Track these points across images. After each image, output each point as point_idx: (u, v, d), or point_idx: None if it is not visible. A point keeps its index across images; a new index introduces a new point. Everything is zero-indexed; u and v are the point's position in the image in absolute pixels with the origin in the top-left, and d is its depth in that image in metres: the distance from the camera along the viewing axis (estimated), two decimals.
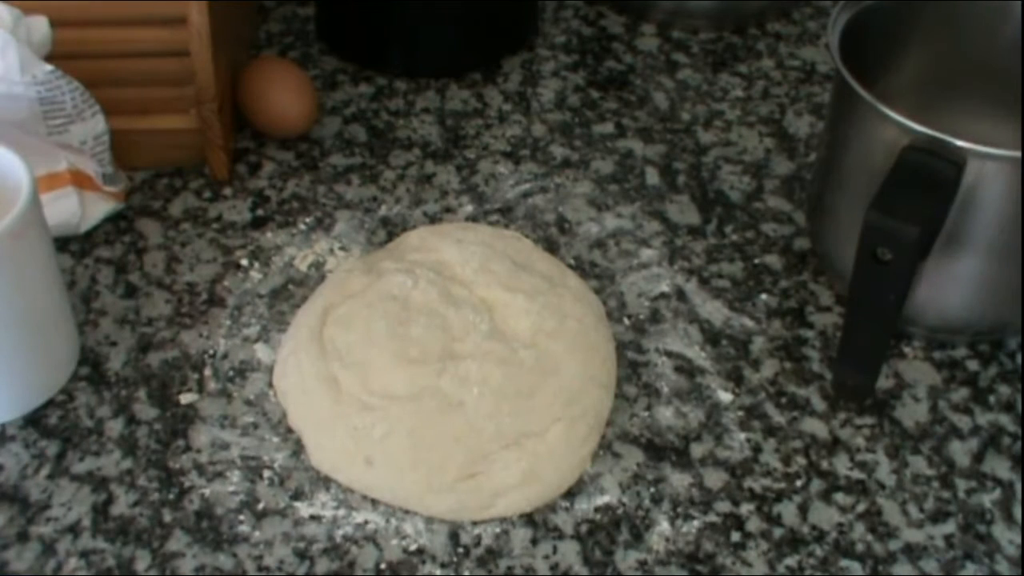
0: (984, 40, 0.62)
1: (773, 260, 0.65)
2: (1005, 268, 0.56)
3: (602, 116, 0.75)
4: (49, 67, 0.58)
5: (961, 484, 0.55)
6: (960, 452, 0.56)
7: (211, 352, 0.59)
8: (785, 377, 0.59)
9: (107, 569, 0.51)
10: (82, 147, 0.61)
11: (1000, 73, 0.62)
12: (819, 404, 0.58)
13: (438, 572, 0.51)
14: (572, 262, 0.65)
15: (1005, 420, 0.58)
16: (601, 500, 0.54)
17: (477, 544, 0.52)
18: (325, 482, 0.54)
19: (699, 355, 0.60)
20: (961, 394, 0.59)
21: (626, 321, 0.62)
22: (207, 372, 0.58)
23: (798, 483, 0.55)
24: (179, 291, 0.62)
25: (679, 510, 0.53)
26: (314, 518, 0.53)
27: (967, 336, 0.61)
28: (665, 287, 0.64)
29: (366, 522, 0.53)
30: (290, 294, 0.62)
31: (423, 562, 0.51)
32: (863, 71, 0.55)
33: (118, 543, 0.51)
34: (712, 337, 0.61)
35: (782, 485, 0.55)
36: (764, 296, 0.63)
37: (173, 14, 0.62)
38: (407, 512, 0.53)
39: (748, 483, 0.55)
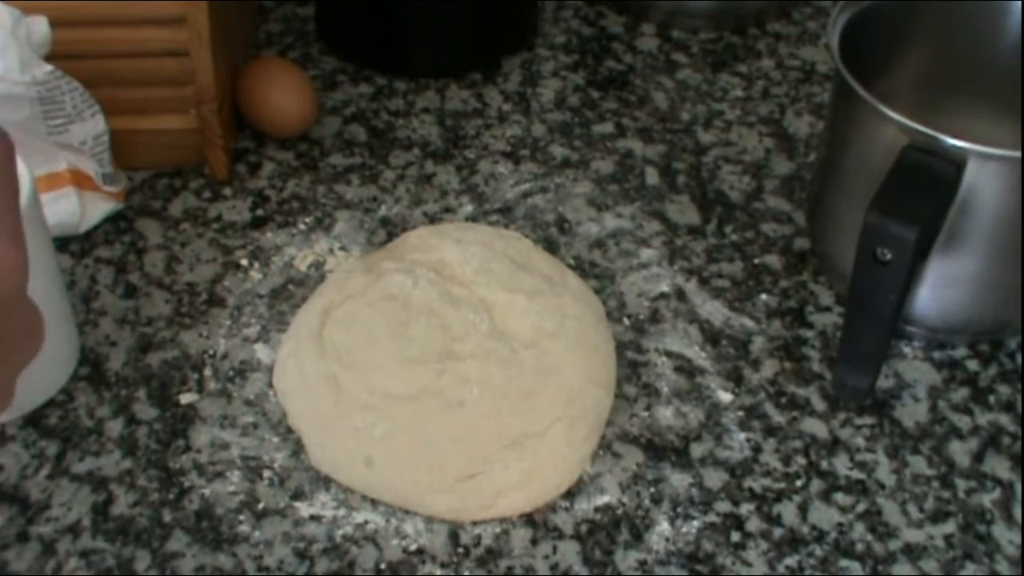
0: (984, 40, 0.62)
1: (773, 260, 0.65)
2: (1005, 268, 0.56)
3: (602, 116, 0.75)
4: (49, 67, 0.58)
5: (961, 484, 0.55)
6: (960, 452, 0.56)
7: (211, 352, 0.59)
8: (785, 377, 0.59)
9: (107, 569, 0.51)
10: (82, 147, 0.61)
11: (1000, 73, 0.62)
12: (819, 404, 0.58)
13: (438, 572, 0.51)
14: (572, 262, 0.65)
15: (1005, 420, 0.58)
16: (601, 500, 0.54)
17: (477, 544, 0.52)
18: (325, 482, 0.54)
19: (699, 355, 0.60)
20: (961, 394, 0.59)
21: (626, 321, 0.62)
22: (207, 372, 0.58)
23: (798, 483, 0.55)
24: (179, 291, 0.62)
25: (679, 510, 0.53)
26: (314, 518, 0.53)
27: (967, 336, 0.61)
28: (665, 287, 0.64)
29: (366, 522, 0.53)
30: (290, 294, 0.62)
31: (423, 562, 0.51)
32: (863, 71, 0.55)
33: (118, 543, 0.51)
34: (712, 337, 0.61)
35: (782, 485, 0.55)
36: (764, 296, 0.63)
37: (173, 14, 0.62)
38: (407, 512, 0.53)
39: (748, 483, 0.55)
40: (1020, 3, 0.60)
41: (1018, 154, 0.51)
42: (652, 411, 0.57)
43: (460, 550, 0.52)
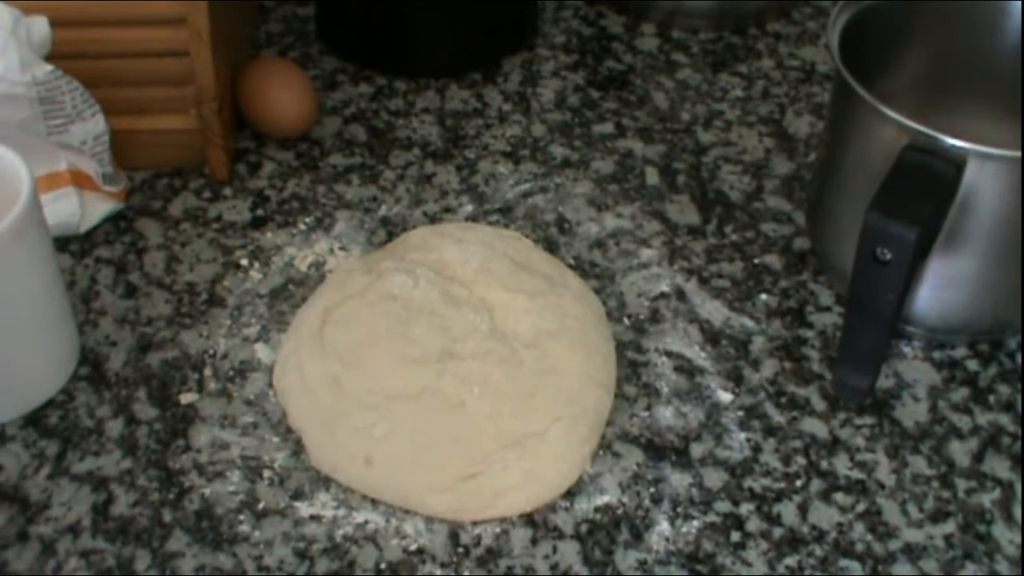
0: (984, 40, 0.62)
1: (773, 260, 0.65)
2: (1005, 268, 0.56)
3: (602, 116, 0.75)
4: (49, 67, 0.58)
5: (961, 484, 0.55)
6: (960, 452, 0.56)
7: (211, 352, 0.59)
8: (785, 377, 0.59)
9: (107, 569, 0.51)
10: (82, 147, 0.61)
11: (1000, 73, 0.62)
12: (819, 404, 0.58)
13: (438, 572, 0.51)
14: (572, 262, 0.65)
15: (1005, 420, 0.58)
16: (601, 500, 0.54)
17: (477, 544, 0.52)
18: (325, 482, 0.54)
19: (699, 355, 0.60)
20: (961, 394, 0.59)
21: (626, 321, 0.62)
22: (207, 372, 0.58)
23: (798, 483, 0.55)
24: (179, 291, 0.62)
25: (679, 510, 0.53)
26: (314, 518, 0.53)
27: (967, 336, 0.61)
28: (665, 287, 0.64)
29: (366, 522, 0.53)
30: (290, 294, 0.62)
31: (423, 562, 0.51)
32: (863, 71, 0.55)
33: (118, 543, 0.51)
34: (712, 337, 0.61)
35: (782, 485, 0.55)
36: (764, 296, 0.63)
37: (173, 14, 0.62)
38: (407, 512, 0.53)
39: (748, 483, 0.55)
40: (1020, 3, 0.61)
41: (1018, 154, 0.51)
42: (652, 411, 0.57)
43: (460, 550, 0.52)
